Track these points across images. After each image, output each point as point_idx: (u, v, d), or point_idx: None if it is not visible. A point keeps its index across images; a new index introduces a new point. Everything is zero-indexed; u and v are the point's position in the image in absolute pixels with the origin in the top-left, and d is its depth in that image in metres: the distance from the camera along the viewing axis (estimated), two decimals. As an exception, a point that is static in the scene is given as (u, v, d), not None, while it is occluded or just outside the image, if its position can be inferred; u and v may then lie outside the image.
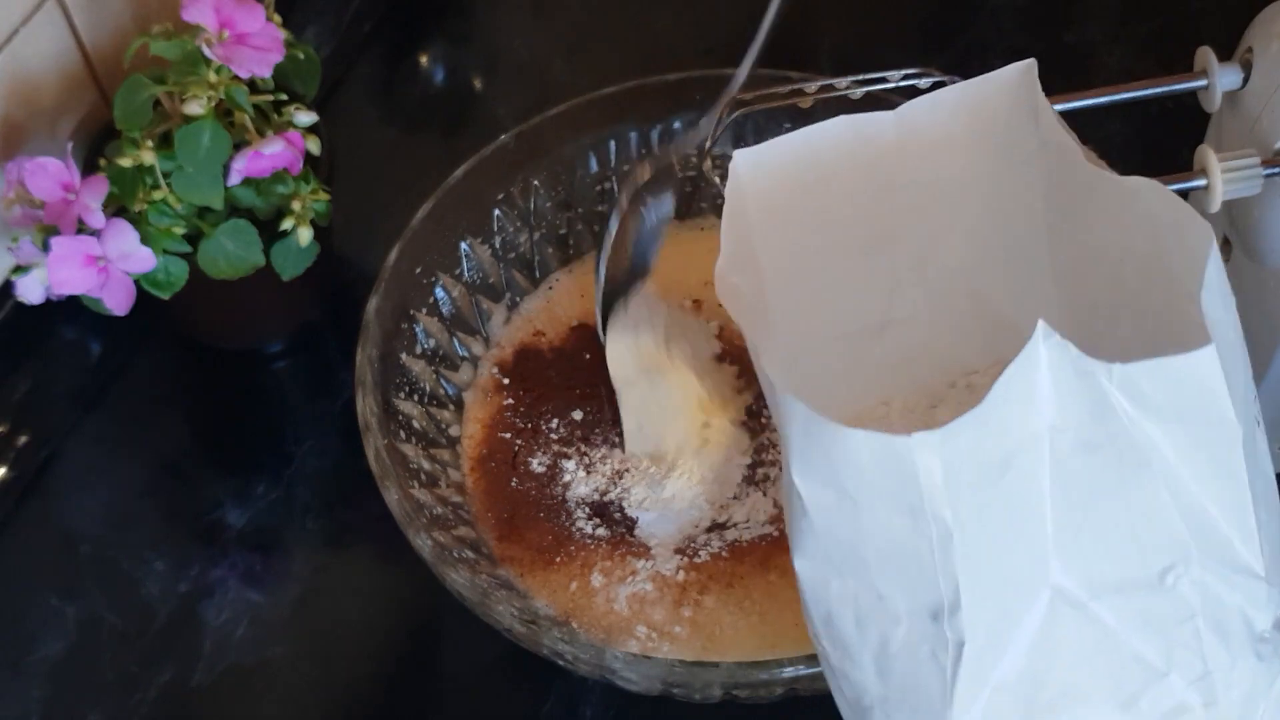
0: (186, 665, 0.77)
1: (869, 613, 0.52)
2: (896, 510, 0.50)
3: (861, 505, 0.50)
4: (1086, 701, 0.53)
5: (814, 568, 0.53)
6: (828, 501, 0.51)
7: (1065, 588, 0.52)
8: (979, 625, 0.51)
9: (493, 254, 0.86)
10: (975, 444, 0.50)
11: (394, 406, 0.78)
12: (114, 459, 0.86)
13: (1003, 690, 0.52)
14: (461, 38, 1.08)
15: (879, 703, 0.53)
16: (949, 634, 0.51)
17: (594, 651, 0.69)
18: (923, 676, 0.52)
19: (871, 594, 0.52)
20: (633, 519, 0.77)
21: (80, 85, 0.86)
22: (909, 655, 0.52)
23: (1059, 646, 0.52)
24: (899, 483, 0.49)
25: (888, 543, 0.51)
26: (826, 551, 0.52)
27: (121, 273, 0.76)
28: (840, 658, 0.54)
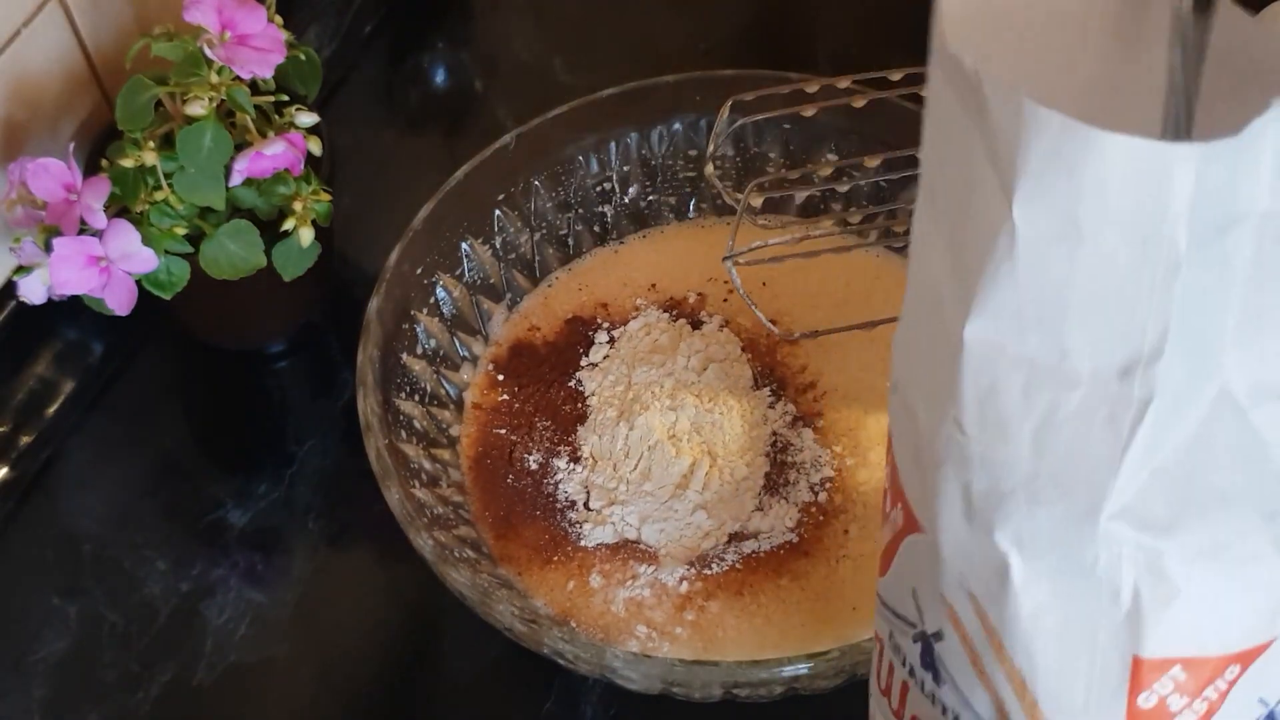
0: (188, 664, 0.77)
1: (1044, 376, 0.49)
2: (1128, 237, 0.47)
3: (1088, 234, 0.47)
4: (1235, 505, 0.51)
5: (995, 327, 0.49)
6: (1050, 233, 0.47)
7: (1231, 386, 0.50)
8: (1169, 384, 0.48)
9: (493, 254, 0.86)
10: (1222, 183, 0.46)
11: (395, 406, 0.78)
12: (116, 459, 0.86)
13: (1160, 476, 0.50)
14: (462, 39, 1.08)
15: (1024, 483, 0.51)
16: (1137, 391, 0.48)
17: (594, 651, 0.69)
18: (1092, 443, 0.49)
19: (1055, 352, 0.49)
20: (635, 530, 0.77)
21: (82, 86, 0.86)
22: (1080, 422, 0.49)
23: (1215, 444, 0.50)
24: (1147, 200, 0.46)
25: (1103, 281, 0.47)
26: (1017, 305, 0.49)
27: (123, 273, 0.76)
28: (989, 438, 0.51)
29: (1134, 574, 0.50)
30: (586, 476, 0.79)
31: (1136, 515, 0.50)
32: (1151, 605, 0.50)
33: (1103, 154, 0.46)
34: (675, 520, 0.77)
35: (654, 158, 0.89)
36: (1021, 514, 0.51)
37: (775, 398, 0.82)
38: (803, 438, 0.80)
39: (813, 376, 0.83)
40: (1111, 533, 0.49)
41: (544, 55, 1.05)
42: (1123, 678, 0.50)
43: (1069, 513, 0.50)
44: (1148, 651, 0.50)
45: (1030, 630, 0.50)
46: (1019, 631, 0.51)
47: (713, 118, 0.86)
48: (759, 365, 0.83)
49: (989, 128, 0.48)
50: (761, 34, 1.07)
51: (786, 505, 0.77)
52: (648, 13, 1.08)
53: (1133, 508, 0.50)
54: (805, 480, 0.78)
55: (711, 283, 0.87)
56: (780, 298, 0.86)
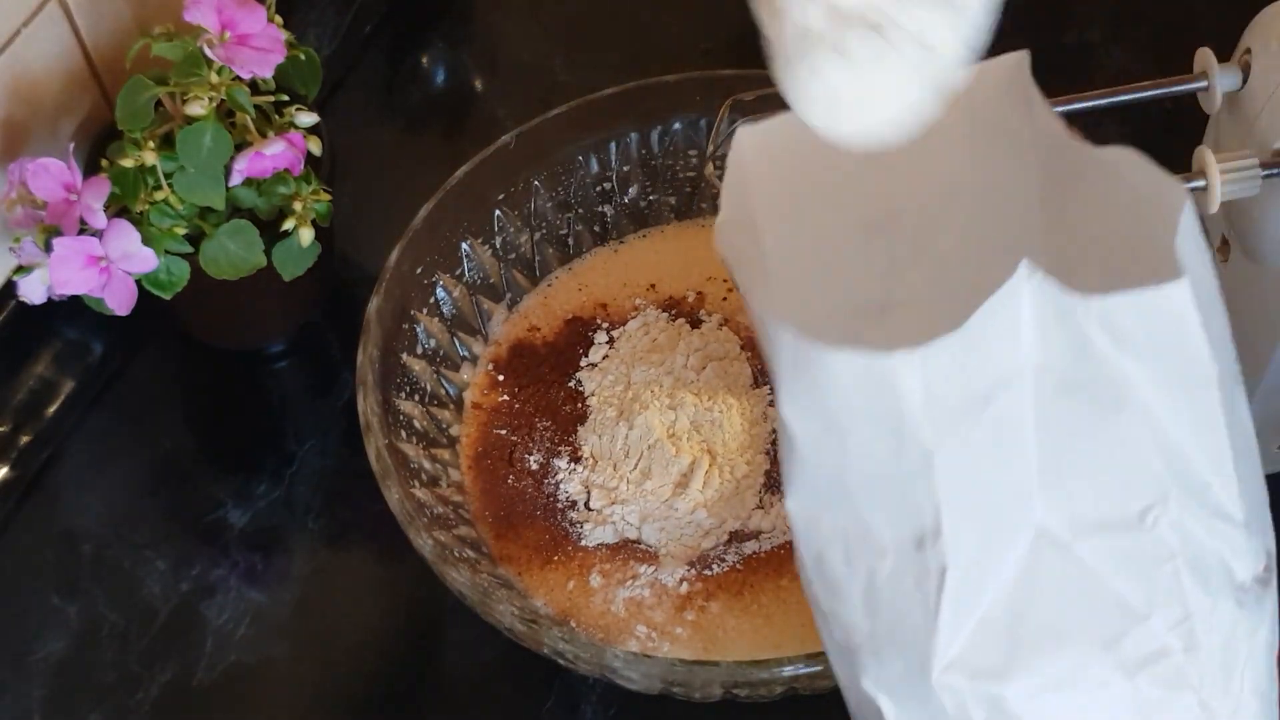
0: (188, 664, 0.77)
1: (857, 547, 0.52)
2: (880, 433, 0.50)
3: (847, 431, 0.51)
4: (1070, 640, 0.53)
5: (805, 505, 0.53)
6: (815, 431, 0.51)
7: (1049, 527, 0.52)
8: (961, 552, 0.51)
9: (493, 254, 0.86)
10: (957, 369, 0.50)
11: (395, 406, 0.78)
12: (116, 458, 0.86)
13: (986, 625, 0.52)
14: (462, 39, 1.08)
15: (867, 640, 0.53)
16: (932, 561, 0.51)
17: (594, 650, 0.69)
18: (908, 608, 0.52)
19: (859, 526, 0.52)
20: (636, 530, 0.77)
21: (82, 86, 0.86)
22: (895, 587, 0.52)
23: (1043, 585, 0.53)
24: (882, 403, 0.50)
25: (872, 469, 0.51)
26: (815, 486, 0.52)
27: (123, 273, 0.76)
28: (830, 598, 0.54)
29: (984, 716, 0.52)
30: (587, 476, 0.79)
31: (969, 665, 0.53)
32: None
33: (830, 365, 0.50)
34: (676, 519, 0.77)
35: (654, 158, 0.89)
36: (873, 666, 0.54)
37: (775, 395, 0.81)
38: (803, 437, 0.80)
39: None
40: (948, 684, 0.52)
41: (544, 55, 1.05)
42: None
43: (906, 668, 0.53)
44: None
45: None
46: None
47: (713, 118, 0.85)
48: (758, 363, 0.83)
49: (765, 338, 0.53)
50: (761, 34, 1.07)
51: None
52: (648, 13, 1.08)
53: (964, 659, 0.53)
54: None
55: (711, 281, 0.87)
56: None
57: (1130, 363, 0.52)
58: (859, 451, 0.51)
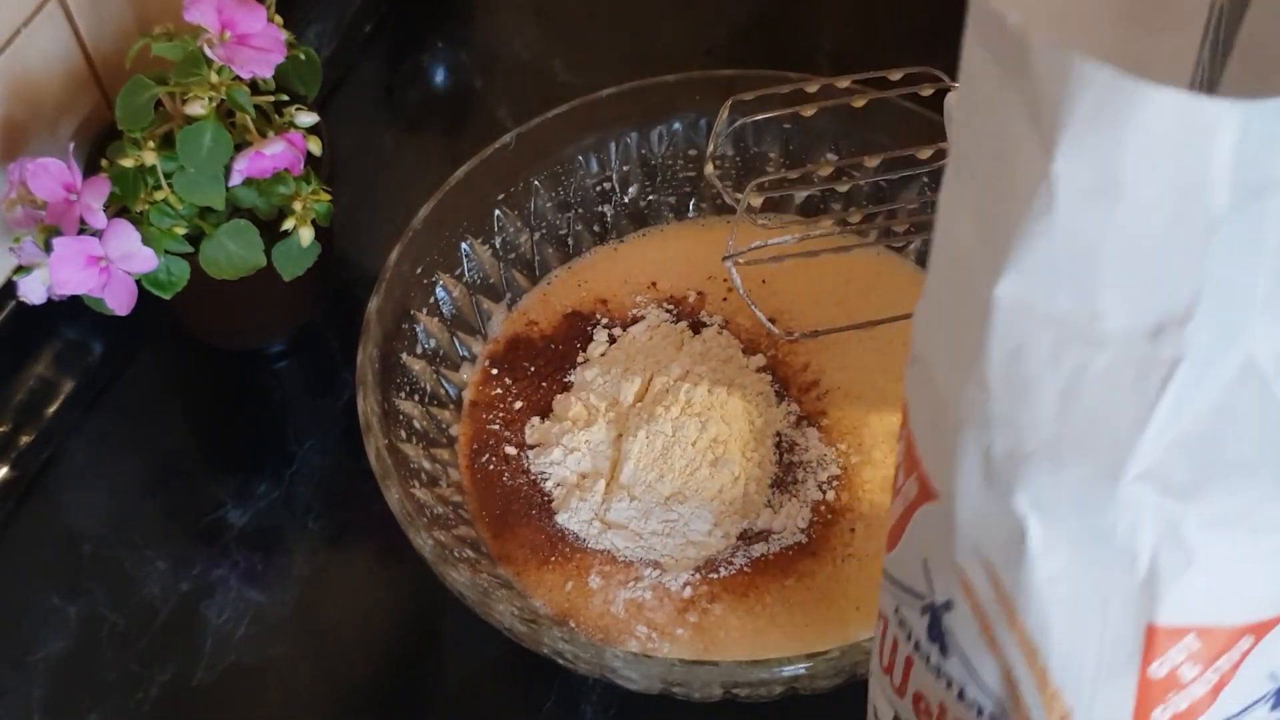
0: (188, 664, 0.77)
1: (1073, 336, 0.49)
2: (1167, 195, 0.46)
3: (1127, 191, 0.47)
4: (1255, 476, 0.51)
5: (1027, 287, 0.49)
6: (1090, 188, 0.47)
7: (1256, 355, 0.50)
8: (1200, 345, 0.48)
9: (493, 254, 0.86)
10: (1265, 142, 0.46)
11: (395, 406, 0.78)
12: (116, 458, 0.86)
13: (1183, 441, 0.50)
14: (462, 39, 1.08)
15: (1047, 445, 0.50)
16: (1166, 351, 0.48)
17: (594, 651, 0.69)
18: (1118, 405, 0.49)
19: (1086, 312, 0.49)
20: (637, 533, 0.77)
21: (82, 86, 0.86)
22: (1107, 383, 0.49)
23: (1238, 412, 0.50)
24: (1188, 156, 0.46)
25: (1138, 239, 0.47)
26: (1050, 262, 0.49)
27: (123, 273, 0.76)
28: (1011, 401, 0.51)
29: (1152, 540, 0.50)
30: (584, 479, 0.79)
31: (1159, 479, 0.50)
32: (1168, 572, 0.49)
33: (1149, 108, 0.45)
34: (679, 523, 0.76)
35: (654, 158, 0.89)
36: (1043, 477, 0.50)
37: (779, 397, 0.82)
38: (808, 437, 0.80)
39: (815, 375, 0.83)
40: (1133, 496, 0.49)
41: (544, 55, 1.05)
42: (1136, 645, 0.50)
43: (1091, 474, 0.50)
44: (1162, 619, 0.50)
45: (1045, 596, 0.50)
46: (1033, 597, 0.50)
47: (713, 118, 0.86)
48: (760, 364, 0.83)
49: (1031, 85, 0.47)
50: (761, 34, 1.07)
51: (799, 505, 0.77)
52: (648, 13, 1.08)
53: (1155, 471, 0.50)
54: (813, 479, 0.78)
55: (711, 281, 0.87)
56: (780, 296, 0.86)
57: None
58: (1132, 217, 0.47)
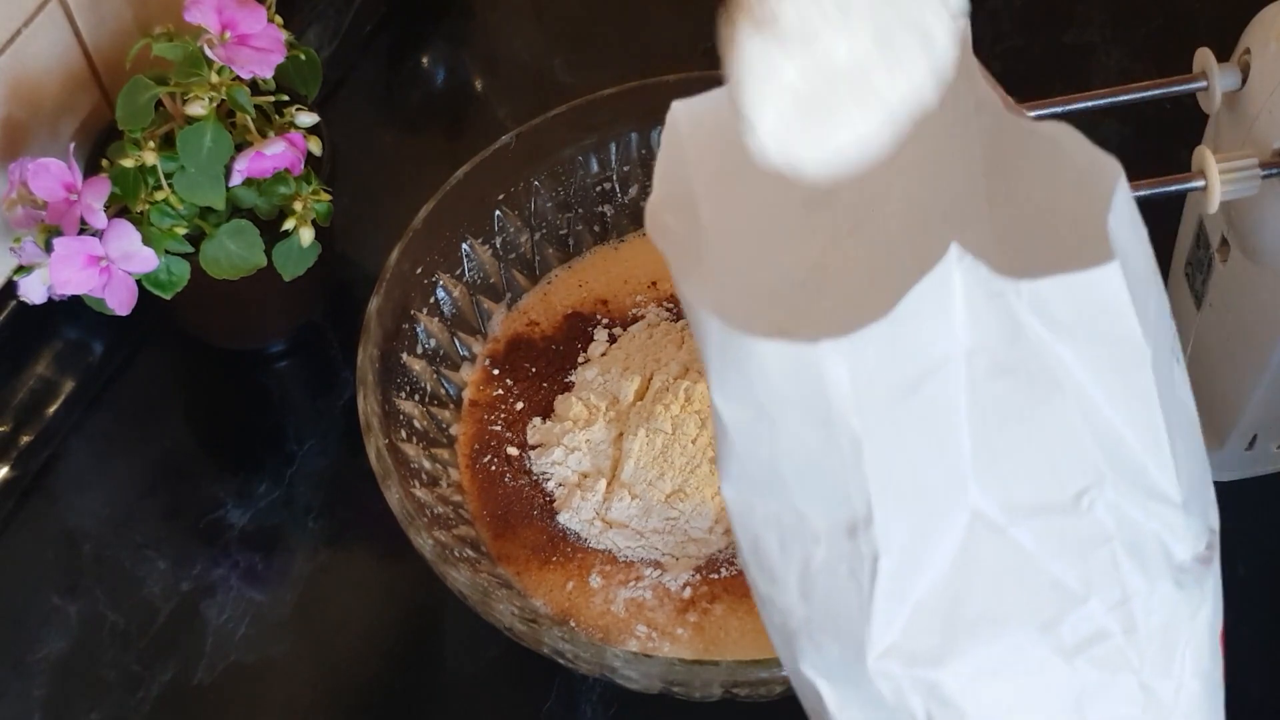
0: (188, 664, 0.77)
1: (791, 533, 0.52)
2: (809, 422, 0.50)
3: (776, 420, 0.50)
4: (1006, 625, 0.53)
5: (739, 492, 0.53)
6: (746, 419, 0.51)
7: (983, 510, 0.52)
8: (894, 540, 0.51)
9: (494, 254, 0.86)
10: (885, 356, 0.49)
11: (395, 406, 0.78)
12: (116, 458, 0.86)
13: (922, 609, 0.52)
14: (462, 39, 1.08)
15: (803, 625, 0.53)
16: (864, 549, 0.51)
17: (594, 650, 0.69)
18: (843, 595, 0.52)
19: (792, 514, 0.52)
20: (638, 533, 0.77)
21: (82, 86, 0.86)
22: (829, 574, 0.52)
23: (979, 568, 0.52)
24: (810, 392, 0.49)
25: (803, 457, 0.51)
26: (749, 473, 0.52)
27: (123, 273, 0.76)
28: (767, 583, 0.54)
29: (922, 703, 0.52)
30: (585, 479, 0.79)
31: (904, 651, 0.52)
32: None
33: (757, 354, 0.50)
34: (680, 521, 0.76)
35: (654, 158, 0.88)
36: (811, 651, 0.54)
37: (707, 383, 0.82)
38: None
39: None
40: (883, 670, 0.52)
41: (544, 55, 1.05)
42: None
43: (843, 653, 0.53)
44: None
45: None
46: None
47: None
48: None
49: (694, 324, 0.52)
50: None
51: None
52: (648, 13, 1.08)
53: (900, 645, 0.53)
54: None
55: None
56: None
57: (1063, 346, 0.51)
58: (789, 440, 0.51)
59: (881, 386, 0.50)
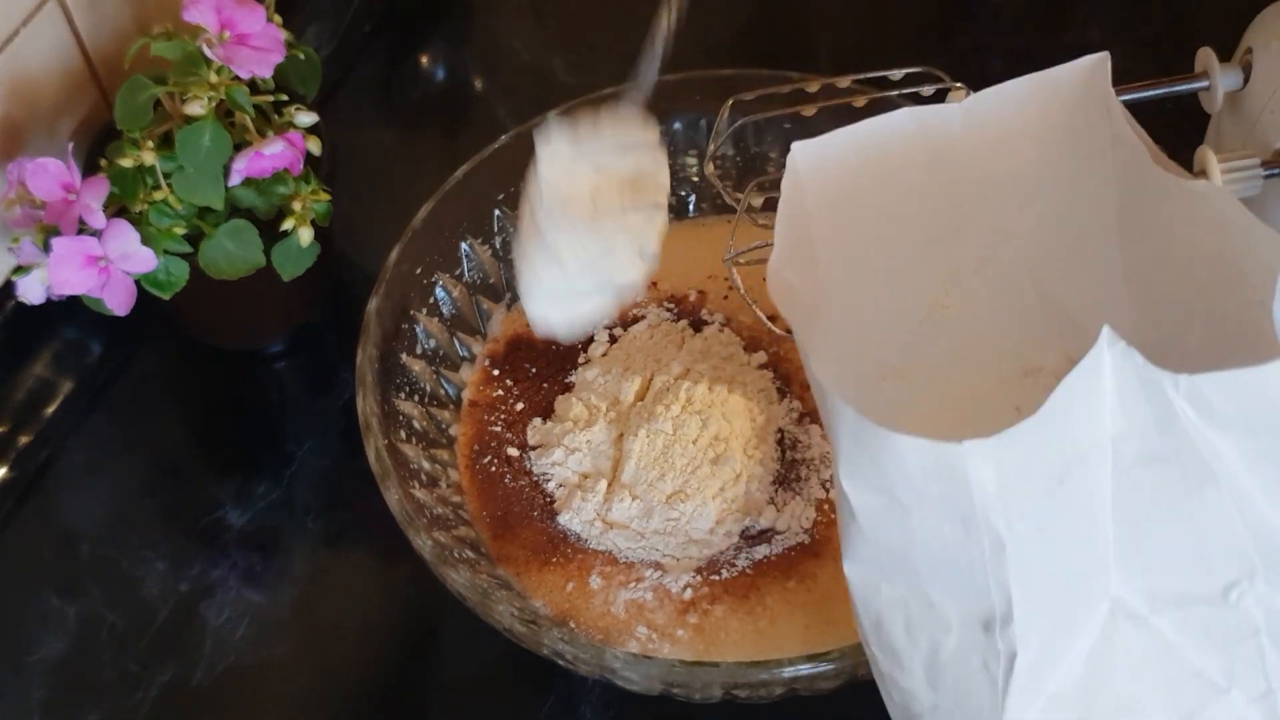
0: (187, 665, 0.77)
1: (920, 620, 0.51)
2: (947, 518, 0.49)
3: (911, 511, 0.49)
4: (1144, 716, 0.52)
5: (864, 572, 0.52)
6: (877, 506, 0.50)
7: (1125, 600, 0.51)
8: (1032, 637, 0.50)
9: (493, 254, 0.86)
10: (1032, 452, 0.48)
11: (394, 406, 0.78)
12: (115, 459, 0.86)
13: (1057, 700, 0.51)
14: (461, 38, 1.08)
15: (929, 711, 0.52)
16: (1001, 645, 0.50)
17: (594, 651, 0.69)
18: (974, 686, 0.51)
19: (922, 601, 0.51)
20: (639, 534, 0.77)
21: (81, 86, 0.86)
22: (960, 664, 0.51)
23: (1117, 659, 0.51)
24: (950, 490, 0.48)
25: (938, 550, 0.49)
26: (876, 556, 0.51)
27: (122, 273, 0.76)
28: (890, 664, 0.53)
29: None
30: (585, 479, 0.79)
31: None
32: None
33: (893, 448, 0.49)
34: (681, 522, 0.76)
35: (654, 157, 0.89)
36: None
37: (780, 394, 0.81)
38: (810, 434, 0.80)
39: (815, 373, 0.83)
40: None
41: (544, 55, 1.05)
42: None
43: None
44: None
45: None
46: None
47: (713, 118, 0.85)
48: (762, 361, 0.83)
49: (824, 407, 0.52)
50: (762, 33, 1.07)
51: (803, 503, 0.77)
52: (648, 13, 1.08)
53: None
54: (816, 476, 0.78)
55: (712, 280, 0.87)
56: (780, 295, 0.86)
57: (1220, 438, 0.50)
58: (924, 531, 0.50)
59: (1027, 484, 0.48)
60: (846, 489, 0.50)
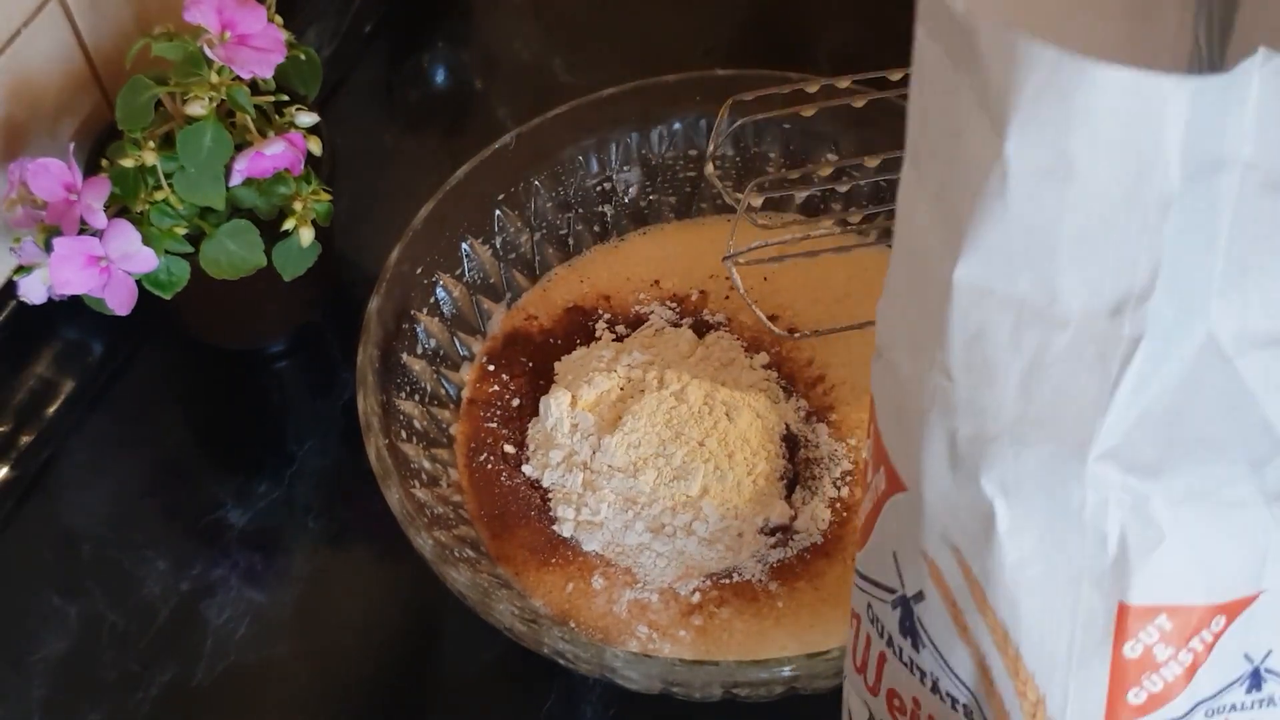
0: (188, 664, 0.77)
1: (1033, 317, 0.49)
2: (1122, 170, 0.46)
3: (1080, 170, 0.47)
4: (1221, 452, 0.50)
5: (985, 269, 0.49)
6: (1043, 168, 0.47)
7: (1217, 335, 0.49)
8: (1160, 323, 0.48)
9: (494, 254, 0.86)
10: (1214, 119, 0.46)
11: (395, 406, 0.78)
12: (116, 458, 0.86)
13: (1147, 419, 0.50)
14: (462, 39, 1.08)
15: (1011, 426, 0.50)
16: (1127, 329, 0.48)
17: (594, 651, 0.69)
18: (1079, 385, 0.49)
19: (1044, 293, 0.49)
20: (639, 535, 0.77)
21: (82, 86, 0.86)
22: (1069, 362, 0.49)
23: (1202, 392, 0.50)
24: (1138, 133, 0.46)
25: (1094, 215, 0.47)
26: (1008, 243, 0.49)
27: (123, 273, 0.76)
28: (973, 384, 0.50)
29: (1120, 519, 0.49)
30: (587, 478, 0.79)
31: (1123, 457, 0.50)
32: (1138, 550, 0.49)
33: (1097, 86, 0.45)
34: (686, 523, 0.76)
35: (654, 158, 0.89)
36: (1008, 458, 0.50)
37: (786, 394, 0.81)
38: (818, 433, 0.80)
39: (820, 370, 0.83)
40: (1098, 474, 0.49)
41: (544, 55, 1.05)
42: (1108, 626, 0.50)
43: (1056, 454, 0.50)
44: (1134, 598, 0.50)
45: (1015, 579, 0.50)
46: (1003, 581, 0.50)
47: (713, 118, 0.86)
48: (765, 361, 0.83)
49: (980, 69, 0.47)
50: (761, 34, 1.07)
51: (821, 503, 0.77)
52: (648, 13, 1.08)
53: (1120, 449, 0.50)
54: (828, 475, 0.78)
55: (713, 279, 0.87)
56: (781, 293, 0.86)
57: None
58: (1087, 194, 0.47)
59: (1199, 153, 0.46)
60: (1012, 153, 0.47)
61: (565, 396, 0.80)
